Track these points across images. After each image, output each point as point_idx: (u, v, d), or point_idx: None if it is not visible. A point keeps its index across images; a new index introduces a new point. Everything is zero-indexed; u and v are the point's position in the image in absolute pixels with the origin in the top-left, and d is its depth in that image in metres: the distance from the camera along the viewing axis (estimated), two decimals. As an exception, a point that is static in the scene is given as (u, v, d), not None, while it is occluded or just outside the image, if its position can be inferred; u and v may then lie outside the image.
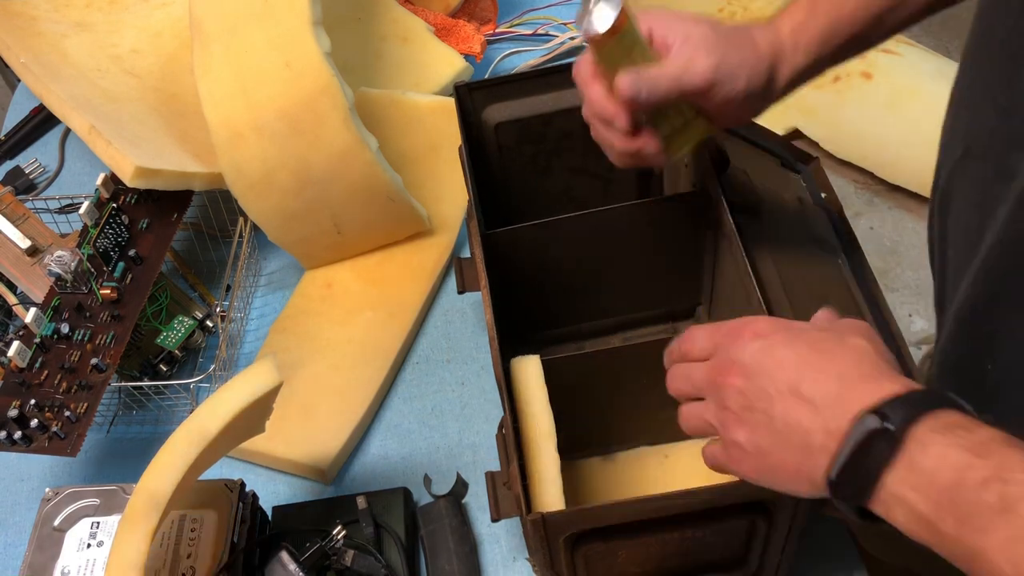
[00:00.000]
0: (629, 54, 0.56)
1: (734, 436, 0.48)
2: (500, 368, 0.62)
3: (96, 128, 0.80)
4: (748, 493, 0.54)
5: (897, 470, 0.41)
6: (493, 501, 0.59)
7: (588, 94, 0.60)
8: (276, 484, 0.78)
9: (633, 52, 0.57)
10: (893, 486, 0.41)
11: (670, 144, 0.61)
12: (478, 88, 0.76)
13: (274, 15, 0.77)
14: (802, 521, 0.57)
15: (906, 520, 0.41)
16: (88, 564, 0.64)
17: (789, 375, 0.46)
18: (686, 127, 0.61)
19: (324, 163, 0.79)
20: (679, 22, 0.58)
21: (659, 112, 0.59)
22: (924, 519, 0.40)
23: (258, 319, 0.90)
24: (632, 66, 0.56)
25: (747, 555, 0.61)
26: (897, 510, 0.41)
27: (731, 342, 0.49)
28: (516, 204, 0.80)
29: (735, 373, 0.48)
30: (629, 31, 0.56)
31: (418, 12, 1.06)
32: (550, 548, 0.55)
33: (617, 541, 0.56)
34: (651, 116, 0.60)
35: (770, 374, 0.47)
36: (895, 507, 0.41)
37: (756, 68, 0.58)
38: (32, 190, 1.04)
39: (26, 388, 0.74)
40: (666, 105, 0.59)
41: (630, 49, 0.56)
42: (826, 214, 0.74)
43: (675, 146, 0.62)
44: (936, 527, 0.40)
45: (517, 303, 0.72)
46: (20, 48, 0.92)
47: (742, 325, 0.50)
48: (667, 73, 0.57)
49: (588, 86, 0.60)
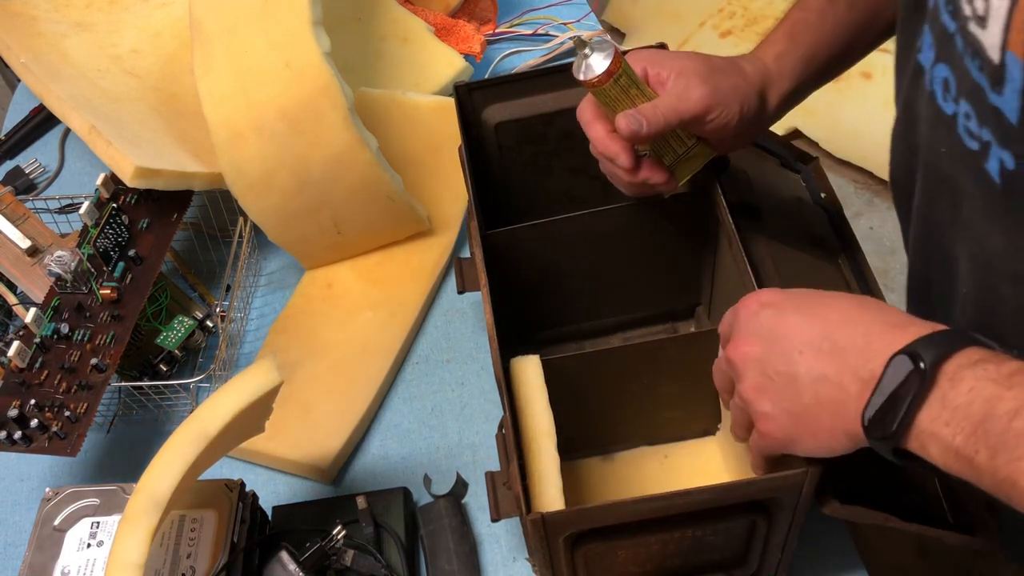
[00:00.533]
0: (627, 93, 0.60)
1: (761, 408, 0.50)
2: (500, 368, 0.62)
3: (96, 128, 0.80)
4: (747, 493, 0.54)
5: (930, 407, 0.43)
6: (493, 501, 0.59)
7: (591, 134, 0.64)
8: (276, 484, 0.78)
9: (631, 91, 0.60)
10: (927, 424, 0.43)
11: (676, 171, 0.65)
12: (478, 88, 0.76)
13: (274, 15, 0.77)
14: (802, 520, 0.57)
15: (941, 455, 0.43)
16: (88, 564, 0.64)
17: (808, 333, 0.48)
18: (688, 154, 0.65)
19: (324, 163, 0.79)
20: (670, 58, 0.62)
21: (661, 143, 0.63)
22: (958, 453, 0.42)
23: (258, 319, 0.90)
24: (631, 104, 0.60)
25: (747, 555, 0.61)
26: (932, 446, 0.43)
27: (742, 318, 0.52)
28: (516, 204, 0.80)
29: (750, 343, 0.51)
30: (624, 73, 0.59)
31: (418, 12, 1.06)
32: (550, 548, 0.55)
33: (617, 541, 0.56)
34: (654, 147, 0.63)
35: (787, 336, 0.49)
36: (930, 444, 0.43)
37: (747, 94, 0.62)
38: (32, 190, 1.04)
39: (26, 388, 0.74)
40: (667, 135, 0.63)
41: (627, 89, 0.60)
42: (826, 214, 0.74)
43: (681, 173, 0.66)
44: (971, 460, 0.41)
45: (517, 303, 0.72)
46: (20, 48, 0.92)
47: (749, 299, 0.52)
48: (664, 104, 0.60)
49: (590, 127, 0.64)
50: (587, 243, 0.73)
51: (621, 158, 0.62)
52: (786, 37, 0.65)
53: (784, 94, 0.65)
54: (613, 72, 0.58)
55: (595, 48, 0.59)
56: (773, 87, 0.64)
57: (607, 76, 0.58)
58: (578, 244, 0.73)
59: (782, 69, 0.64)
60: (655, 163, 0.64)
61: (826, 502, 0.54)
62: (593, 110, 0.63)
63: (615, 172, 0.65)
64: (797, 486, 0.53)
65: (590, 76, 0.59)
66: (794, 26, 0.66)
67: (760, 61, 0.65)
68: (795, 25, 0.66)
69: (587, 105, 0.64)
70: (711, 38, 2.07)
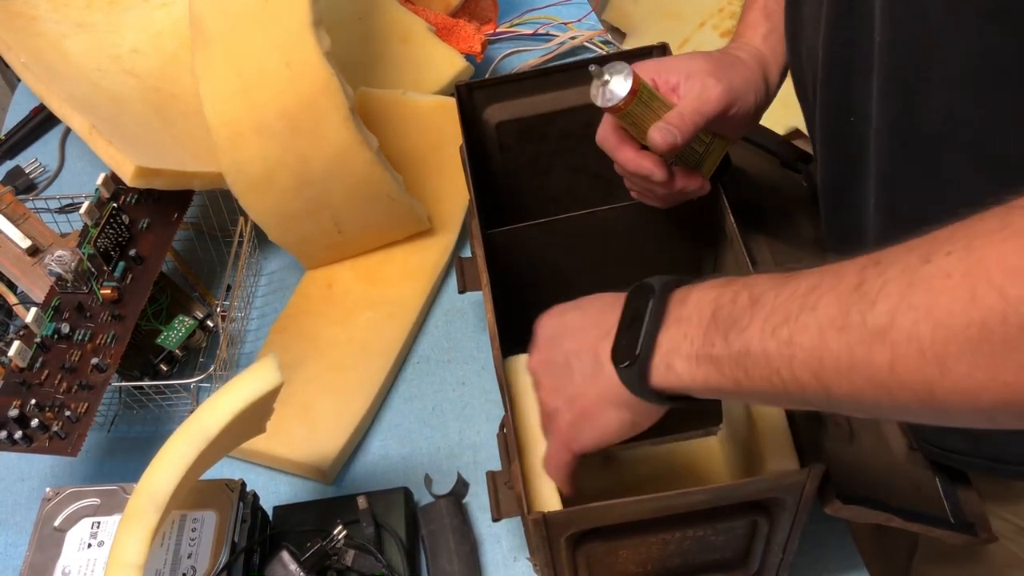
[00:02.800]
0: (650, 107, 0.59)
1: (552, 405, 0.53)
2: (501, 368, 0.61)
3: (96, 128, 0.80)
4: (748, 493, 0.54)
5: (668, 329, 0.45)
6: (494, 501, 0.59)
7: (620, 158, 0.63)
8: (277, 484, 0.78)
9: (653, 104, 0.60)
10: (667, 343, 0.45)
11: (700, 170, 0.65)
12: (479, 87, 0.76)
13: (274, 15, 0.77)
14: (804, 520, 0.57)
15: (688, 370, 0.44)
16: (88, 564, 0.64)
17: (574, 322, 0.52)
18: (708, 151, 0.65)
19: (324, 163, 0.79)
20: (674, 63, 0.63)
21: (684, 147, 0.62)
22: (699, 356, 0.43)
23: (258, 319, 0.90)
24: (655, 117, 0.60)
25: (748, 554, 0.61)
26: (678, 363, 0.44)
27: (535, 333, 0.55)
28: (517, 204, 0.80)
29: (539, 350, 0.54)
30: (644, 88, 0.59)
31: (418, 12, 1.06)
32: (551, 547, 0.55)
33: (618, 540, 0.56)
34: (678, 154, 0.63)
35: (561, 333, 0.52)
36: (675, 361, 0.44)
37: (756, 81, 0.63)
38: (32, 190, 1.04)
39: (27, 388, 0.74)
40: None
41: (649, 103, 0.59)
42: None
43: (704, 170, 0.66)
44: (711, 356, 0.42)
45: (518, 302, 0.72)
46: (20, 48, 0.92)
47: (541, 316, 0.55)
48: (689, 109, 0.60)
49: (618, 151, 0.63)
50: (589, 242, 0.73)
51: (657, 174, 0.62)
52: (764, 17, 0.66)
53: (780, 71, 0.66)
54: (636, 91, 0.58)
55: (612, 72, 0.58)
56: (770, 67, 0.65)
57: (631, 96, 0.58)
58: (580, 243, 0.73)
59: (772, 48, 0.65)
60: (686, 171, 0.64)
61: (828, 501, 0.54)
62: (617, 134, 0.63)
63: (651, 189, 0.65)
64: (799, 485, 0.53)
65: (616, 101, 0.58)
66: (767, 5, 0.67)
67: (750, 46, 0.65)
68: (767, 4, 0.67)
69: (608, 130, 0.63)
70: (711, 38, 2.07)
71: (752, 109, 0.63)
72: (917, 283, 0.35)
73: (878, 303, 0.36)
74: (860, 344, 0.36)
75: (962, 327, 0.33)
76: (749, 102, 0.63)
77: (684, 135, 0.59)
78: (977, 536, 0.58)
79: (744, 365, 0.41)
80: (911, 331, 0.35)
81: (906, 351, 0.35)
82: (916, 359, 0.35)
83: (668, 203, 0.67)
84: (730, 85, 0.61)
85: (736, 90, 0.61)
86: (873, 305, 0.36)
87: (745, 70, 0.63)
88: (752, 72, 0.63)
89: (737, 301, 0.42)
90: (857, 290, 0.37)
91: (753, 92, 0.63)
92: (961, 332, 0.33)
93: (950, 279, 0.34)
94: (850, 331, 0.37)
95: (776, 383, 0.40)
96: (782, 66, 0.66)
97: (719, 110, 0.61)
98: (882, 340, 0.35)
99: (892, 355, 0.35)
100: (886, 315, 0.35)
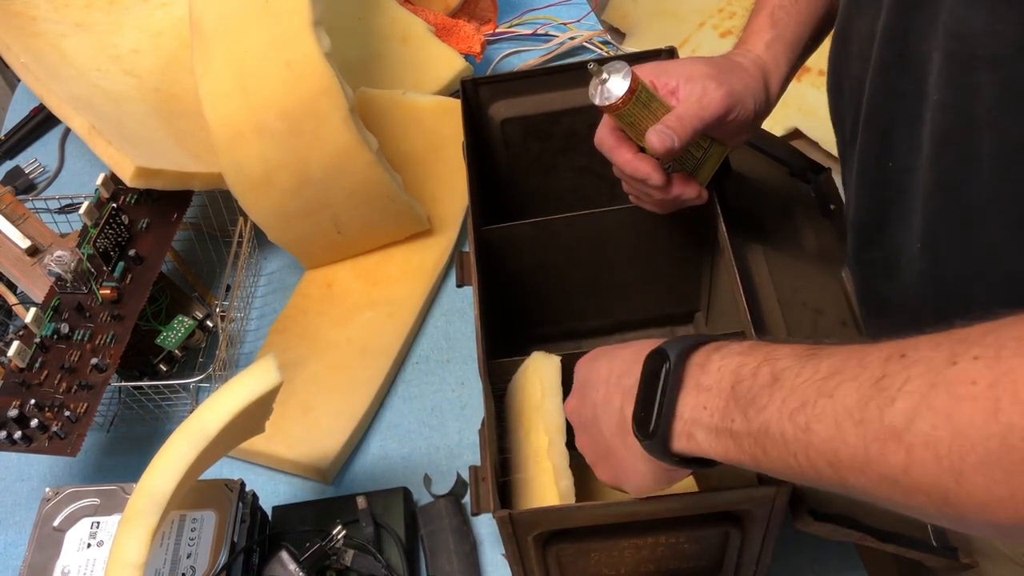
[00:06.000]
0: (648, 108, 0.59)
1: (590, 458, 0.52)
2: (483, 363, 0.62)
3: (96, 128, 0.80)
4: (716, 504, 0.54)
5: (687, 395, 0.44)
6: (475, 496, 0.60)
7: (617, 159, 0.63)
8: (276, 484, 0.78)
9: (651, 105, 0.59)
10: (688, 412, 0.44)
11: (697, 176, 0.65)
12: (484, 83, 0.76)
13: (274, 15, 0.77)
14: (776, 533, 0.56)
15: (709, 442, 0.43)
16: (88, 564, 0.64)
17: (604, 372, 0.50)
18: (706, 156, 0.64)
19: (324, 163, 0.79)
20: (674, 67, 0.63)
21: (682, 152, 0.62)
22: (719, 430, 0.42)
23: (258, 319, 0.90)
24: (653, 119, 0.59)
25: (722, 564, 0.60)
26: (699, 434, 0.43)
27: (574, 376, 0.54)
28: (522, 202, 0.80)
29: (573, 397, 0.53)
30: (642, 89, 0.59)
31: (418, 12, 1.06)
32: (519, 546, 0.55)
33: (588, 543, 0.56)
34: (675, 160, 0.63)
35: (592, 381, 0.51)
36: (696, 432, 0.43)
37: (755, 88, 0.63)
38: (32, 190, 1.04)
39: (26, 388, 0.74)
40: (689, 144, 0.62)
41: (648, 104, 0.59)
42: (832, 225, 0.74)
43: (702, 176, 0.65)
44: (731, 431, 0.42)
45: (513, 300, 0.72)
46: (20, 48, 0.92)
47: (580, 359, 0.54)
48: (688, 112, 0.60)
49: (615, 152, 0.63)
50: (585, 244, 0.73)
51: (653, 177, 0.62)
52: (770, 25, 0.67)
53: (781, 80, 0.66)
54: (634, 90, 0.58)
55: (611, 71, 0.58)
56: (771, 76, 0.65)
57: (629, 95, 0.58)
58: (576, 244, 0.73)
59: (775, 57, 0.65)
60: (684, 177, 0.64)
61: (800, 517, 0.53)
62: (615, 135, 0.63)
63: (648, 192, 0.64)
64: (768, 499, 0.53)
65: (613, 99, 0.58)
66: (774, 12, 0.67)
67: (753, 53, 0.66)
68: (775, 11, 0.67)
69: (606, 131, 0.63)
70: (711, 38, 2.07)
71: (751, 116, 0.63)
72: (940, 385, 0.33)
73: (898, 400, 0.34)
74: (875, 441, 0.35)
75: (982, 439, 0.32)
76: (748, 108, 0.62)
77: (682, 139, 0.59)
78: (959, 561, 0.58)
79: (763, 444, 0.40)
80: (929, 435, 0.33)
81: (922, 455, 0.33)
82: (932, 464, 0.33)
83: (665, 209, 0.67)
84: (730, 90, 0.61)
85: (736, 95, 0.61)
86: (892, 402, 0.34)
87: (746, 76, 0.63)
88: (753, 79, 0.63)
89: (758, 376, 0.41)
90: (878, 384, 0.35)
91: (753, 99, 0.63)
92: (980, 444, 0.32)
93: (975, 386, 0.32)
94: (867, 425, 0.35)
95: (793, 465, 0.39)
96: (784, 75, 0.66)
97: (718, 115, 0.60)
98: (898, 440, 0.34)
99: (907, 457, 0.34)
100: (904, 414, 0.34)
